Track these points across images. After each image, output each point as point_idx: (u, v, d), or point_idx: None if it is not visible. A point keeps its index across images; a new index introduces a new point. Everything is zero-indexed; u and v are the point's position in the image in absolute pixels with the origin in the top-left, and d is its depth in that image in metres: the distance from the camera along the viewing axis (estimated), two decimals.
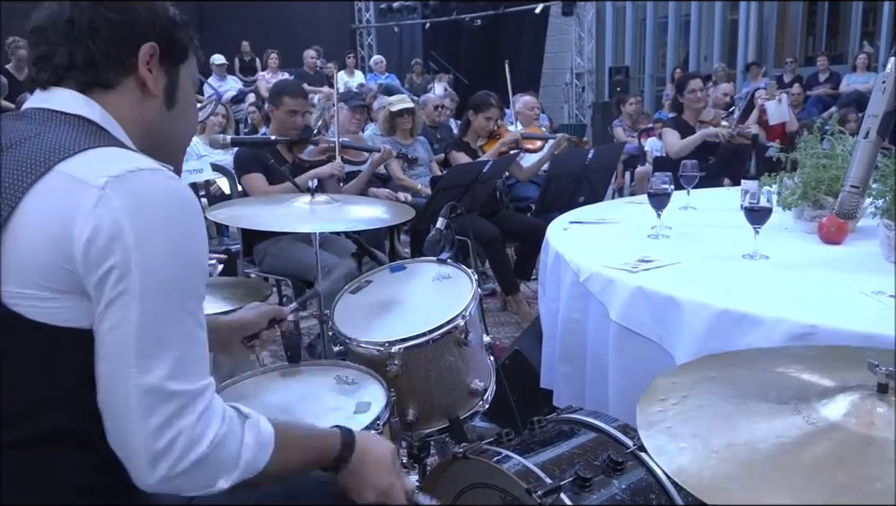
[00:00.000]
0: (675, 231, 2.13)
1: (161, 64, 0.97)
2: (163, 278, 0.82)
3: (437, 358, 1.59)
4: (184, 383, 0.83)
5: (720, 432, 0.76)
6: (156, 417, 0.81)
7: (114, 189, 0.81)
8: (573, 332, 1.92)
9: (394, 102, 4.47)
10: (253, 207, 2.13)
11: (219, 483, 0.86)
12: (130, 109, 0.95)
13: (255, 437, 0.89)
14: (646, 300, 1.60)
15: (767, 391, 0.85)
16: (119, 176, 0.81)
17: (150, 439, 0.81)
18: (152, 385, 0.81)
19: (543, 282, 2.22)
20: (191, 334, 0.85)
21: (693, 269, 1.75)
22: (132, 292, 0.81)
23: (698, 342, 1.45)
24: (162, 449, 0.81)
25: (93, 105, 0.92)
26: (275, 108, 3.13)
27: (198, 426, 0.83)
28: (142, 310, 0.81)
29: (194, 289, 0.86)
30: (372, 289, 1.81)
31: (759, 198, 1.74)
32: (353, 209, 2.04)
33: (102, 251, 0.80)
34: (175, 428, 0.82)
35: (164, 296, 0.82)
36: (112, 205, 0.80)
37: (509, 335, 3.50)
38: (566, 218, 2.47)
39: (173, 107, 0.99)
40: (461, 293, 1.70)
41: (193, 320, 0.85)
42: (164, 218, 0.83)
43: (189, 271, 0.85)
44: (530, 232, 3.64)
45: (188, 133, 1.05)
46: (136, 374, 0.81)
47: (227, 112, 4.78)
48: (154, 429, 0.81)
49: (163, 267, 0.82)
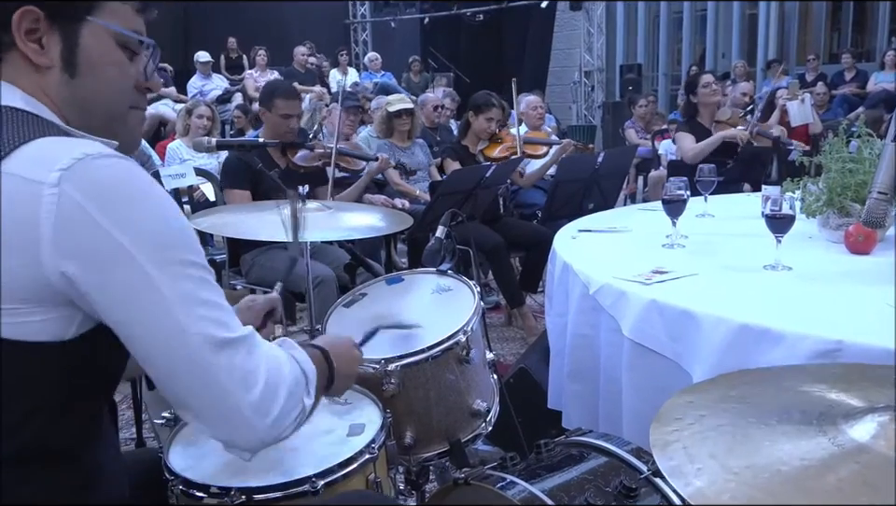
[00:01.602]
0: (691, 241, 2.14)
1: (53, 27, 0.89)
2: (156, 241, 0.85)
3: (436, 376, 1.59)
4: (232, 330, 0.89)
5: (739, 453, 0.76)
6: (237, 369, 0.88)
7: (69, 182, 0.81)
8: (583, 349, 1.92)
9: (392, 102, 4.49)
10: (239, 215, 2.14)
11: (305, 401, 0.96)
12: (32, 86, 0.90)
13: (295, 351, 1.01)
14: (660, 314, 1.60)
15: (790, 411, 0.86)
16: (70, 168, 0.82)
17: (243, 391, 0.88)
18: (214, 339, 0.87)
19: (550, 295, 2.23)
20: (211, 284, 0.89)
21: (710, 281, 1.76)
22: (131, 266, 0.83)
23: (716, 358, 1.45)
24: (259, 396, 0.89)
25: (13, 89, 0.89)
26: (266, 111, 3.14)
27: (268, 361, 0.92)
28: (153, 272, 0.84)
29: (192, 243, 0.89)
30: (367, 303, 1.81)
31: (781, 205, 1.75)
32: (346, 217, 2.04)
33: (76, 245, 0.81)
34: (257, 372, 0.89)
35: (165, 254, 0.85)
36: (73, 198, 0.81)
37: (514, 352, 3.50)
38: (574, 227, 2.48)
39: (76, 74, 0.91)
40: (462, 307, 1.70)
41: (206, 271, 0.89)
42: (129, 197, 0.84)
43: (176, 228, 0.87)
44: (536, 242, 3.65)
45: (109, 98, 0.95)
46: (193, 338, 0.86)
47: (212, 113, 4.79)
48: (240, 380, 0.88)
49: (150, 231, 0.85)
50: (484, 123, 4.01)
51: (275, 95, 3.12)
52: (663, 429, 0.83)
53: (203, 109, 4.73)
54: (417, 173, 4.38)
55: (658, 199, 2.22)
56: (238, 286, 3.08)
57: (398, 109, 4.37)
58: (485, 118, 4.00)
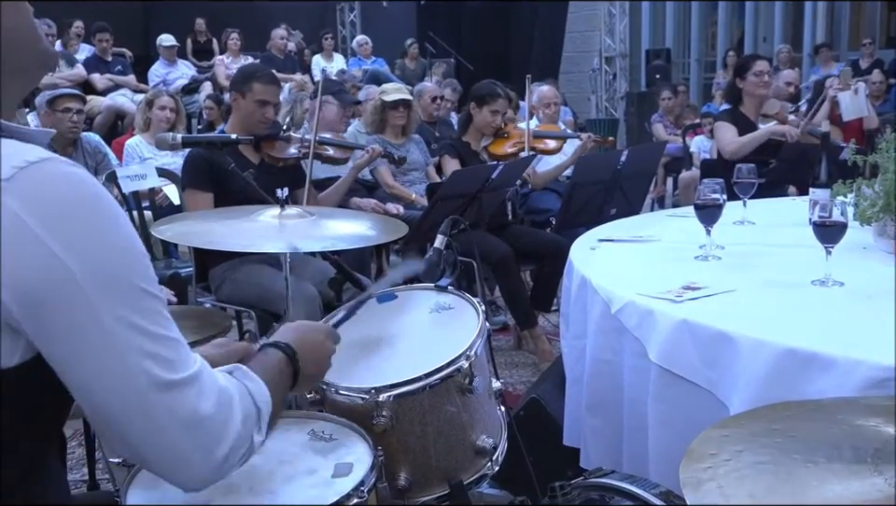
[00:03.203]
0: (728, 252, 2.14)
1: None
2: (107, 268, 0.87)
3: (435, 408, 1.59)
4: (180, 370, 0.92)
5: (782, 494, 0.77)
6: (182, 411, 0.91)
7: (10, 195, 0.83)
8: (604, 377, 1.92)
9: (388, 90, 4.49)
10: (209, 222, 2.15)
11: (255, 438, 1.01)
12: None
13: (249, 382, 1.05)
14: (693, 336, 1.61)
15: (841, 447, 0.86)
16: (11, 179, 0.83)
17: (187, 434, 0.92)
18: (159, 380, 0.90)
19: (566, 314, 2.23)
20: (162, 316, 0.92)
21: (750, 298, 1.76)
22: (77, 294, 0.85)
23: (757, 388, 1.46)
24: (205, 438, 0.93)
25: None
26: (241, 97, 3.13)
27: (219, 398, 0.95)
28: (101, 305, 0.86)
29: (146, 269, 0.92)
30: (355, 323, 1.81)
31: (831, 211, 1.76)
32: (331, 224, 2.06)
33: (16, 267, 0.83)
34: (203, 413, 0.93)
35: (115, 282, 0.87)
36: (15, 214, 0.83)
37: (524, 380, 3.50)
38: (593, 235, 2.49)
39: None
40: (465, 328, 1.70)
41: (158, 301, 0.92)
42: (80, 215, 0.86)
43: (129, 250, 0.90)
44: (550, 253, 3.66)
45: None
46: (136, 379, 0.89)
47: (177, 105, 4.81)
48: (185, 422, 0.92)
49: (101, 256, 0.86)
50: (489, 117, 4.02)
51: (254, 78, 3.11)
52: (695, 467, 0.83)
53: (167, 100, 4.75)
54: (413, 173, 4.39)
55: (690, 203, 2.23)
56: (206, 304, 3.08)
57: (394, 100, 4.37)
58: (490, 110, 4.01)
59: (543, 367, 3.43)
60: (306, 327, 1.26)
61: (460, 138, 4.14)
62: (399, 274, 1.66)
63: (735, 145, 3.99)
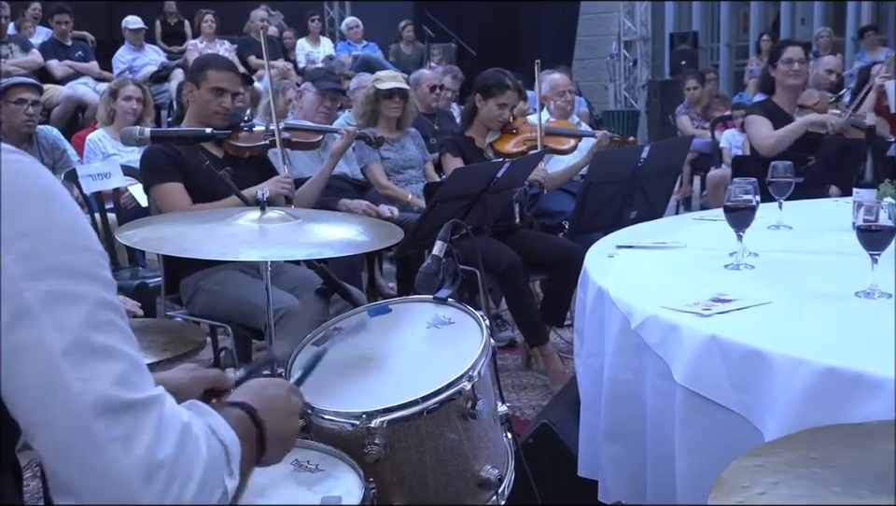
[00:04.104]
0: (762, 260, 2.15)
1: None
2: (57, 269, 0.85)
3: (433, 435, 1.59)
4: (137, 390, 0.87)
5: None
6: (138, 444, 0.85)
7: None
8: (623, 400, 1.92)
9: (383, 78, 4.49)
10: (179, 226, 2.15)
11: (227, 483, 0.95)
12: None
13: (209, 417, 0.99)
14: (723, 355, 1.61)
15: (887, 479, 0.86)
16: None
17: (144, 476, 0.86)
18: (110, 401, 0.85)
19: (581, 330, 2.23)
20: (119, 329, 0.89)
21: (787, 312, 1.77)
22: (14, 298, 0.83)
23: (794, 412, 1.46)
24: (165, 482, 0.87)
25: None
26: (195, 87, 3.18)
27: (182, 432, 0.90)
28: (38, 314, 0.84)
29: (104, 273, 0.89)
30: (345, 340, 1.82)
31: (877, 214, 1.77)
32: (317, 229, 2.06)
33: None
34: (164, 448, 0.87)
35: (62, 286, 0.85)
36: None
37: (533, 403, 3.50)
38: (611, 241, 2.49)
39: None
40: (467, 345, 1.71)
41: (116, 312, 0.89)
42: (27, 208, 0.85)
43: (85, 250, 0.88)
44: (563, 260, 3.67)
45: None
46: (80, 398, 0.84)
47: (144, 95, 4.83)
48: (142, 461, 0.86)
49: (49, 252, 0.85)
50: (496, 110, 4.03)
51: (208, 66, 3.18)
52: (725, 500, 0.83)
53: (133, 90, 4.76)
54: (409, 172, 4.40)
55: (719, 205, 2.24)
56: (177, 317, 3.09)
57: (389, 88, 4.37)
58: (496, 102, 4.02)
59: (555, 389, 3.43)
60: (264, 382, 1.21)
61: (463, 133, 4.15)
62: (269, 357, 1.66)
63: (773, 140, 4.00)
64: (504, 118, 4.06)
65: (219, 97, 3.14)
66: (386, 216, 3.90)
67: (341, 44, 10.18)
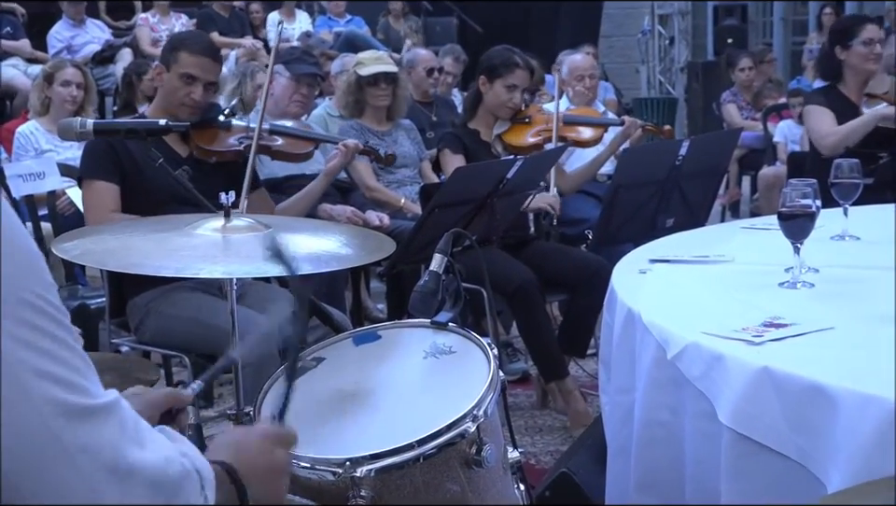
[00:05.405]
0: (824, 277, 2.15)
1: None
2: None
3: (430, 487, 1.59)
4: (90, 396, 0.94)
5: None
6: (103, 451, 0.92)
7: None
8: (658, 444, 1.92)
9: (365, 61, 4.50)
10: (127, 237, 2.15)
11: None
12: None
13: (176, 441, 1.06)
14: (777, 390, 1.61)
15: None
16: None
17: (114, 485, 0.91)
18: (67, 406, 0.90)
19: (607, 361, 2.23)
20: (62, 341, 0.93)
21: (853, 339, 1.77)
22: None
23: (862, 458, 1.46)
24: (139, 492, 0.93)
25: None
26: (164, 69, 3.18)
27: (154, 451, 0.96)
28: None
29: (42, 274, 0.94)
30: (326, 372, 1.82)
31: None
32: (293, 240, 2.05)
33: None
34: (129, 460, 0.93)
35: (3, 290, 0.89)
36: None
37: (551, 449, 3.49)
38: (643, 255, 2.50)
39: None
40: (470, 379, 1.71)
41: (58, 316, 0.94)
42: None
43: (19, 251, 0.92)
44: (585, 278, 3.67)
45: None
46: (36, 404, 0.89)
47: (85, 79, 4.84)
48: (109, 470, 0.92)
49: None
50: (504, 94, 4.02)
51: (182, 46, 3.16)
52: None
53: (72, 73, 4.78)
54: (402, 171, 4.41)
55: (773, 211, 2.24)
56: (124, 347, 3.08)
57: (373, 73, 4.39)
58: (505, 85, 4.01)
59: (577, 432, 3.41)
60: (233, 436, 1.26)
61: (466, 125, 4.15)
62: None
63: (836, 137, 4.02)
64: (514, 103, 4.03)
65: (189, 86, 3.13)
66: (375, 224, 3.90)
67: (320, 18, 10.18)
